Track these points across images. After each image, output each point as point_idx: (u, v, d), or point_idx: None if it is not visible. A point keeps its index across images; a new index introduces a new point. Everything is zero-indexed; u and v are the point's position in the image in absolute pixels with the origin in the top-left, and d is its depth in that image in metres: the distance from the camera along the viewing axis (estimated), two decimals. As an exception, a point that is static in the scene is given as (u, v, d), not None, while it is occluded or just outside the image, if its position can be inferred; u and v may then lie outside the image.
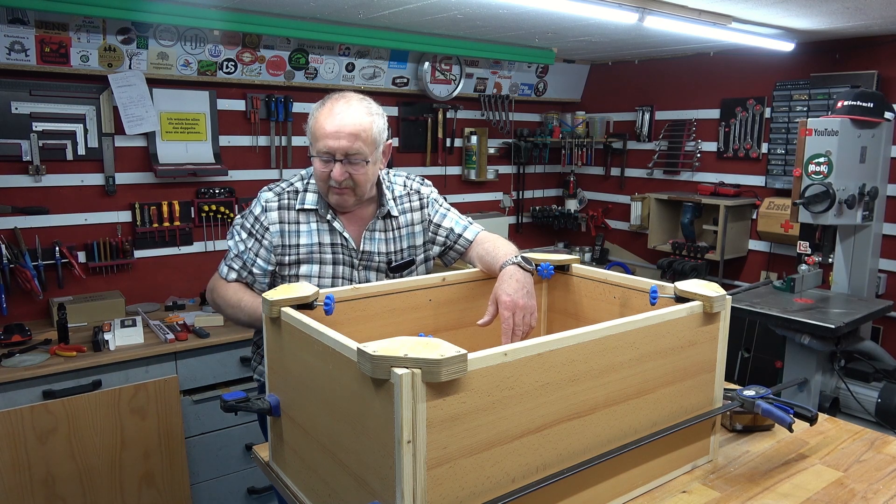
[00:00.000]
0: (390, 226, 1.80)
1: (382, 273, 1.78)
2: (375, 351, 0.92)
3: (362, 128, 1.63)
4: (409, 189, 1.87)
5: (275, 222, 1.72)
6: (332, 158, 1.63)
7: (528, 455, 1.06)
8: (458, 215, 1.91)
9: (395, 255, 1.79)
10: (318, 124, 1.65)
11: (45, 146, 2.80)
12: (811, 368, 2.59)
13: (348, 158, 1.63)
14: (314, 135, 1.66)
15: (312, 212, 1.74)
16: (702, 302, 1.30)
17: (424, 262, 1.86)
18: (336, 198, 1.69)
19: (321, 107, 1.67)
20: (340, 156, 1.63)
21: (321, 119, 1.65)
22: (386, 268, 1.78)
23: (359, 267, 1.76)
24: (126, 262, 3.02)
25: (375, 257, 1.77)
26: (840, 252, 2.84)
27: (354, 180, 1.66)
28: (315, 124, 1.66)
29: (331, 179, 1.65)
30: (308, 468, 1.23)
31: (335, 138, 1.62)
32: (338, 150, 1.62)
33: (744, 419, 1.53)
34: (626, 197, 4.28)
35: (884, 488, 1.29)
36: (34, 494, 2.31)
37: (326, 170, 1.65)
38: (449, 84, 3.87)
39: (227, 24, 2.85)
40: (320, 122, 1.65)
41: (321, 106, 1.68)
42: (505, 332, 1.47)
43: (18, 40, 2.60)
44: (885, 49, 3.09)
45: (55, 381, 2.38)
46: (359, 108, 1.66)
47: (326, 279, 1.72)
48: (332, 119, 1.63)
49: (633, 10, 2.40)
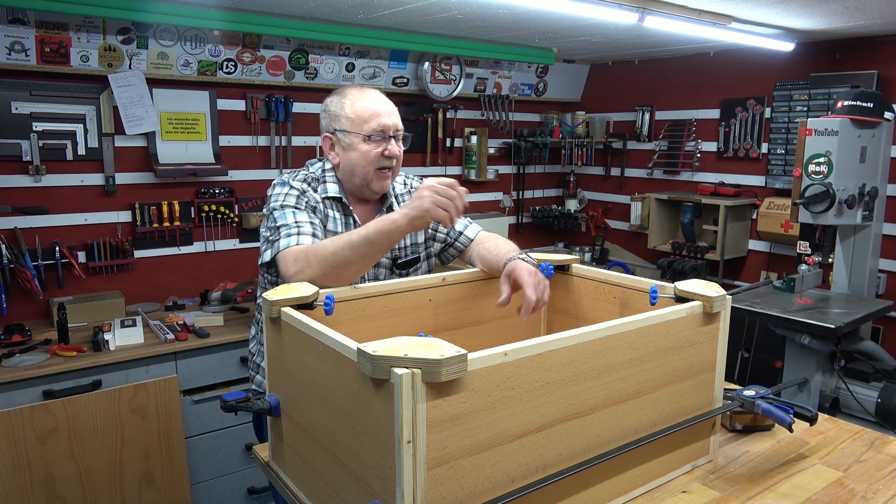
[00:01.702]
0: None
1: (387, 269, 1.76)
2: (375, 351, 0.92)
3: (394, 108, 1.73)
4: (410, 188, 1.89)
5: (318, 202, 1.68)
6: (385, 136, 1.67)
7: (528, 455, 1.06)
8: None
9: (400, 251, 1.79)
10: (362, 107, 1.67)
11: (45, 146, 2.80)
12: (811, 368, 2.59)
13: (397, 136, 1.70)
14: (361, 117, 1.66)
15: (336, 200, 1.73)
16: (702, 302, 1.30)
17: (426, 260, 1.86)
18: (380, 182, 1.71)
19: (349, 94, 1.70)
20: (393, 132, 1.68)
21: (363, 102, 1.68)
22: (390, 264, 1.77)
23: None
24: (126, 262, 3.02)
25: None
26: (840, 252, 2.84)
27: (397, 159, 1.72)
28: (358, 107, 1.67)
29: (383, 160, 1.67)
30: (308, 468, 1.23)
31: (388, 115, 1.67)
32: (391, 126, 1.68)
33: (744, 419, 1.53)
34: (626, 197, 4.29)
35: (884, 488, 1.29)
36: (34, 494, 2.31)
37: (380, 149, 1.67)
38: (449, 84, 3.87)
39: (227, 24, 2.85)
40: (364, 104, 1.67)
41: (348, 93, 1.70)
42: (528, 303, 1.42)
43: (18, 40, 2.60)
44: (885, 49, 3.09)
45: (55, 381, 2.38)
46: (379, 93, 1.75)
47: None
48: (375, 101, 1.68)
49: (633, 10, 2.40)
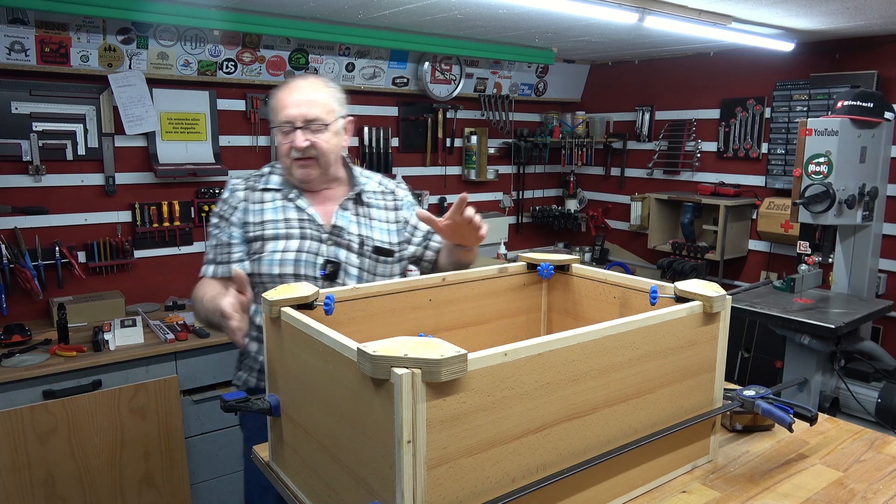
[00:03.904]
0: (362, 212, 1.81)
1: (353, 253, 1.76)
2: (375, 351, 0.92)
3: (319, 95, 1.72)
4: (385, 188, 1.89)
5: (241, 200, 1.76)
6: (292, 127, 1.68)
7: (528, 455, 1.06)
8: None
9: (369, 239, 1.79)
10: (277, 99, 1.72)
11: (45, 146, 2.80)
12: (811, 368, 2.59)
13: (308, 125, 1.68)
14: (274, 109, 1.72)
15: (277, 191, 1.77)
16: (702, 302, 1.30)
17: (399, 262, 1.86)
18: (301, 171, 1.72)
19: (280, 86, 1.75)
20: (300, 123, 1.68)
21: (281, 95, 1.72)
22: (357, 248, 1.76)
23: (328, 242, 1.74)
24: (126, 262, 3.02)
25: (346, 234, 1.75)
26: (840, 252, 2.84)
27: (317, 148, 1.70)
28: (275, 101, 1.73)
29: (293, 151, 1.69)
30: (308, 468, 1.23)
31: (294, 106, 1.68)
32: (297, 117, 1.68)
33: (744, 419, 1.53)
34: (626, 197, 4.29)
35: (884, 488, 1.29)
36: (34, 494, 2.31)
37: (288, 141, 1.69)
38: (449, 84, 3.87)
39: (227, 24, 2.85)
40: (280, 97, 1.72)
41: (280, 86, 1.75)
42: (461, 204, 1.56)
43: (18, 40, 2.60)
44: (885, 49, 3.09)
45: (55, 381, 2.38)
46: (315, 80, 1.76)
47: (291, 253, 1.71)
48: (292, 93, 1.71)
49: (633, 10, 2.40)
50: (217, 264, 1.75)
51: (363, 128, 3.69)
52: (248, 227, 1.74)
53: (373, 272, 1.78)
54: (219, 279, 1.73)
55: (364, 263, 1.77)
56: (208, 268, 1.77)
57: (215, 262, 1.75)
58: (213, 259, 1.76)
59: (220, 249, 1.75)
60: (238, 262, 1.73)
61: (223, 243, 1.74)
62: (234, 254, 1.74)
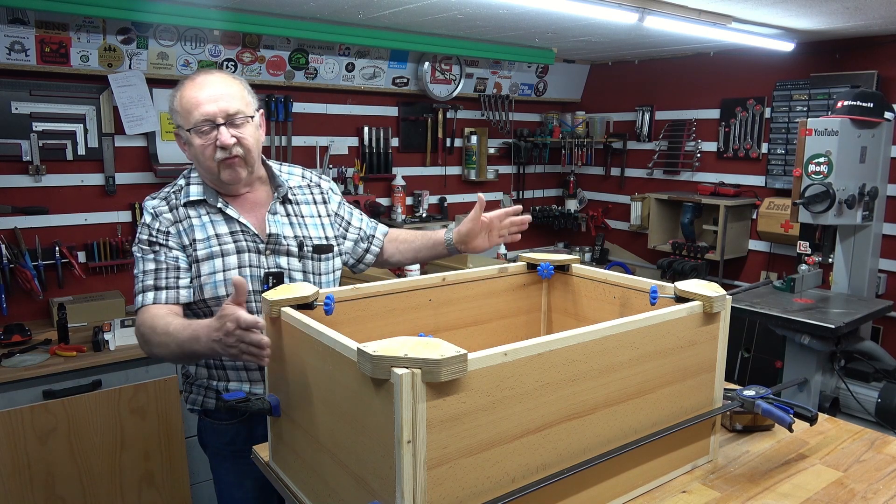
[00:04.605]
0: (292, 211, 1.71)
1: (294, 258, 1.66)
2: (375, 351, 0.92)
3: (233, 88, 1.58)
4: (310, 181, 1.79)
5: (172, 222, 1.60)
6: (213, 125, 1.54)
7: (528, 455, 1.06)
8: (363, 214, 1.88)
9: (307, 239, 1.69)
10: (186, 98, 1.54)
11: (45, 146, 2.79)
12: (811, 368, 2.59)
13: (231, 120, 1.55)
14: (185, 109, 1.54)
15: (200, 203, 1.62)
16: (702, 302, 1.30)
17: (339, 255, 1.79)
18: (228, 172, 1.57)
19: (182, 85, 1.58)
20: (222, 119, 1.53)
21: (189, 92, 1.55)
22: (298, 252, 1.67)
23: (266, 252, 1.63)
24: (126, 262, 3.02)
25: (283, 241, 1.65)
26: (840, 252, 2.84)
27: (243, 145, 1.57)
28: (182, 101, 1.55)
29: (217, 151, 1.54)
30: (308, 468, 1.23)
31: (211, 102, 1.53)
32: (217, 113, 1.53)
33: (744, 419, 1.53)
34: (626, 197, 4.29)
35: (884, 488, 1.29)
36: (34, 494, 2.31)
37: (209, 141, 1.54)
38: (449, 84, 3.87)
39: (227, 24, 2.85)
40: (189, 94, 1.54)
41: (182, 85, 1.58)
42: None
43: (18, 40, 2.60)
44: (885, 49, 3.09)
45: (55, 381, 2.38)
46: (222, 73, 1.61)
47: (232, 271, 1.59)
48: (202, 88, 1.54)
49: (633, 10, 2.40)
50: (165, 290, 1.56)
51: (363, 128, 3.69)
52: (186, 251, 1.59)
53: (317, 273, 1.70)
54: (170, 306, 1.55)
55: (307, 266, 1.68)
56: (148, 294, 1.55)
57: (159, 288, 1.56)
58: (155, 285, 1.56)
59: (164, 274, 1.57)
60: (186, 288, 1.58)
61: (169, 267, 1.57)
62: (181, 279, 1.58)
